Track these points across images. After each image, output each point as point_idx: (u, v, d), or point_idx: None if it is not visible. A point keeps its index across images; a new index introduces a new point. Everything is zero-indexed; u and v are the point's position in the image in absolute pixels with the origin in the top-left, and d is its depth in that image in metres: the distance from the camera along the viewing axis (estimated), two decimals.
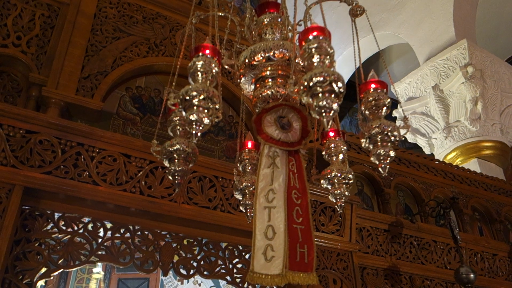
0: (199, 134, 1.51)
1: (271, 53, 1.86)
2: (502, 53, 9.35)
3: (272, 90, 1.86)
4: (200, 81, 1.57)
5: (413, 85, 7.18)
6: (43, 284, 6.88)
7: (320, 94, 1.31)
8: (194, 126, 1.48)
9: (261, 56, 1.87)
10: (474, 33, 7.31)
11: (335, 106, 1.31)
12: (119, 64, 3.10)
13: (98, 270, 7.21)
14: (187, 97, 1.49)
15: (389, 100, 1.77)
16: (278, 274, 1.51)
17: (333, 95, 1.31)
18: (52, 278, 7.25)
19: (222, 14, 2.29)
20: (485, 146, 6.43)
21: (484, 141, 6.42)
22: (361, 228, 3.77)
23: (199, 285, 6.81)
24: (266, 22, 2.04)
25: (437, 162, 4.93)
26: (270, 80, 1.90)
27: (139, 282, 8.13)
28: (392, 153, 1.75)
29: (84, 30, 3.05)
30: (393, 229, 3.92)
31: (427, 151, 7.18)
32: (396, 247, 3.92)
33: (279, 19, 2.05)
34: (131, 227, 2.73)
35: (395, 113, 7.39)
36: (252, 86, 1.97)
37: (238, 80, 2.00)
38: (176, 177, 1.75)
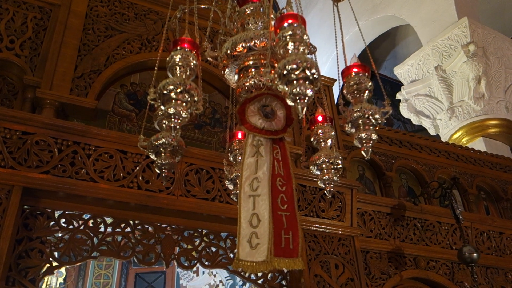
0: (178, 127, 1.53)
1: (252, 43, 1.87)
2: (509, 28, 9.16)
3: (255, 80, 1.87)
4: (178, 74, 1.59)
5: (416, 67, 7.08)
6: (62, 281, 7.04)
7: (294, 81, 1.32)
8: (172, 119, 1.51)
9: (242, 46, 1.88)
10: (476, 10, 7.17)
11: (309, 92, 1.32)
12: (112, 62, 3.13)
13: None
14: (165, 91, 1.51)
15: (370, 83, 1.77)
16: (263, 261, 1.53)
17: (307, 82, 1.32)
18: (71, 276, 7.41)
19: (205, 7, 2.30)
20: (490, 124, 6.34)
21: (489, 119, 6.33)
22: (363, 213, 3.78)
23: (214, 276, 6.90)
24: (248, 12, 2.05)
25: (440, 143, 4.89)
26: (253, 69, 1.91)
27: (156, 275, 8.24)
28: (374, 136, 1.77)
29: (76, 30, 3.08)
30: (395, 212, 3.92)
31: (432, 132, 7.10)
32: (399, 230, 3.92)
33: (261, 9, 2.06)
34: (131, 222, 2.78)
35: (398, 96, 7.33)
36: (236, 77, 1.98)
37: (222, 72, 2.01)
38: (163, 170, 1.79)
